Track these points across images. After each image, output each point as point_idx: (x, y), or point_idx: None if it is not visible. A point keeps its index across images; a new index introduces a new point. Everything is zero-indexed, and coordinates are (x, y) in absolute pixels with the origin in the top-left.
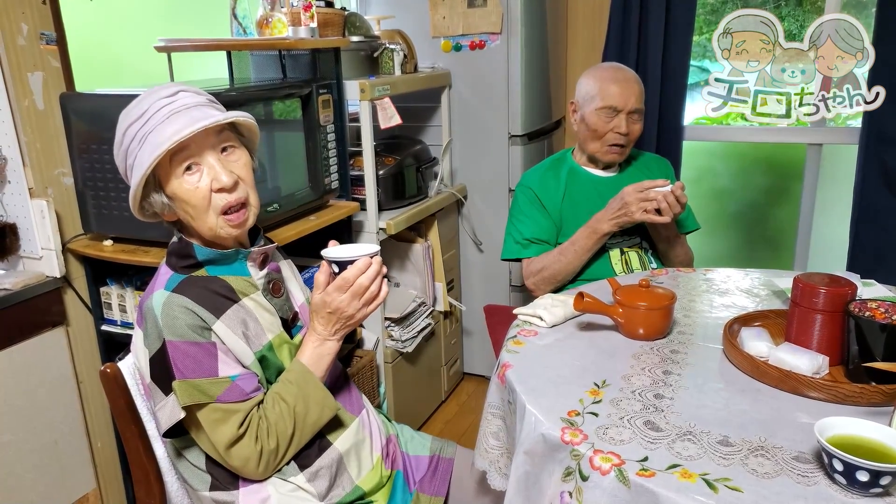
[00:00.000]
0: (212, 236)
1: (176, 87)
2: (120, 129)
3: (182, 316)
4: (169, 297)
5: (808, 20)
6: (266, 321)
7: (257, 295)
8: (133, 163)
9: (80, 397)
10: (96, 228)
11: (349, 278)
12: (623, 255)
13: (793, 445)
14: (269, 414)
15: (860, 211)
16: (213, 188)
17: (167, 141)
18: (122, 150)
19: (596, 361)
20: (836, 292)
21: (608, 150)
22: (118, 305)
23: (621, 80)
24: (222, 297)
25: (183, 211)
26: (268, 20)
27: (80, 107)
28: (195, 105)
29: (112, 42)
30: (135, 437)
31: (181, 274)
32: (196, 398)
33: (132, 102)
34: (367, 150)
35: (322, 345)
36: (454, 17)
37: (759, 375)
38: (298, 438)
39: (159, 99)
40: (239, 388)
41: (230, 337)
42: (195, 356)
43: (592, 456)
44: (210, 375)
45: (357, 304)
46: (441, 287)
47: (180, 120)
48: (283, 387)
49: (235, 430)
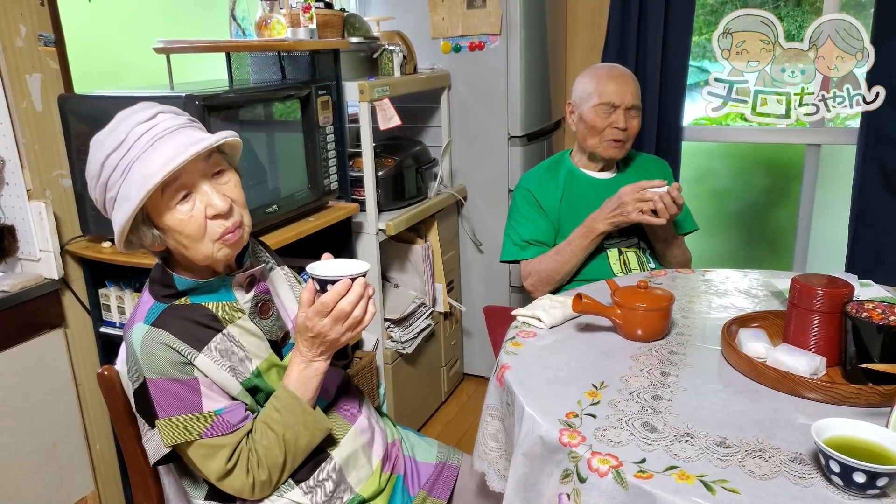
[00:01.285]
0: (207, 263)
1: (152, 109)
2: (96, 160)
3: (161, 353)
4: (148, 332)
5: (806, 20)
6: (252, 346)
7: (243, 320)
8: (116, 195)
9: (79, 399)
10: (95, 230)
11: (327, 303)
12: (621, 256)
13: (790, 447)
14: (257, 446)
15: (859, 211)
16: (208, 215)
17: (159, 172)
18: (101, 183)
19: (594, 363)
20: (834, 293)
21: (608, 144)
22: (117, 307)
23: (617, 77)
24: (204, 328)
25: (175, 241)
26: (267, 21)
27: (79, 108)
28: (178, 128)
29: (111, 43)
30: (132, 439)
31: (162, 303)
32: (181, 436)
33: (105, 129)
34: (366, 151)
35: (308, 367)
36: (453, 19)
37: (756, 376)
38: (291, 463)
39: (137, 124)
40: (225, 421)
41: (213, 369)
42: (177, 393)
43: (590, 458)
44: (194, 411)
45: (340, 329)
46: (441, 288)
47: (167, 146)
48: (270, 414)
49: (224, 465)
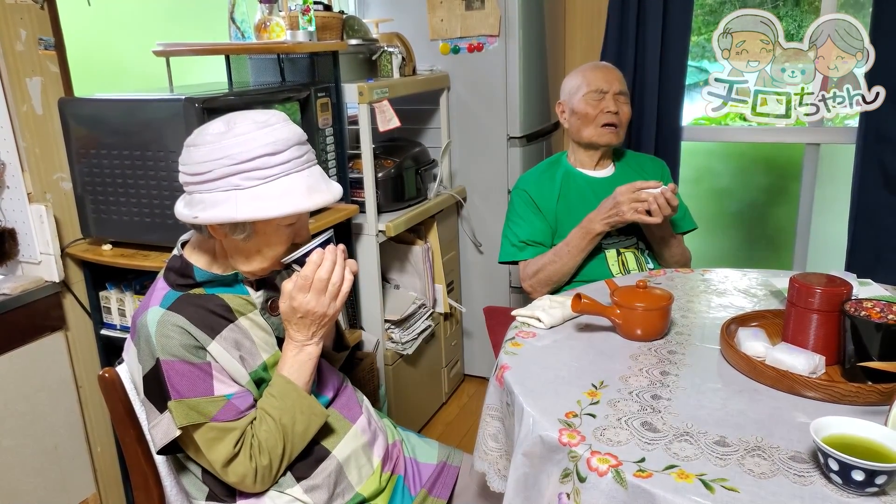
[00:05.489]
0: (256, 271)
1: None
2: (242, 143)
3: (176, 335)
4: (164, 315)
5: (805, 20)
6: (261, 340)
7: (254, 314)
8: (237, 186)
9: (80, 402)
10: (95, 233)
11: (308, 275)
12: (620, 256)
13: (789, 445)
14: (258, 432)
15: (858, 210)
16: (295, 240)
17: (304, 203)
18: (229, 163)
19: (594, 362)
20: (832, 292)
21: (602, 130)
22: (117, 310)
23: (601, 67)
24: (218, 317)
25: (254, 244)
26: (266, 24)
27: (79, 112)
28: (313, 163)
29: (111, 46)
30: (133, 441)
31: (178, 291)
32: (192, 418)
33: (257, 118)
34: (366, 152)
35: (301, 351)
36: (452, 20)
37: (756, 375)
38: (290, 450)
39: (293, 144)
40: (234, 406)
41: (225, 357)
42: (191, 375)
43: (590, 457)
44: (206, 395)
45: (325, 301)
46: (441, 289)
47: (308, 181)
48: (267, 401)
49: (231, 449)
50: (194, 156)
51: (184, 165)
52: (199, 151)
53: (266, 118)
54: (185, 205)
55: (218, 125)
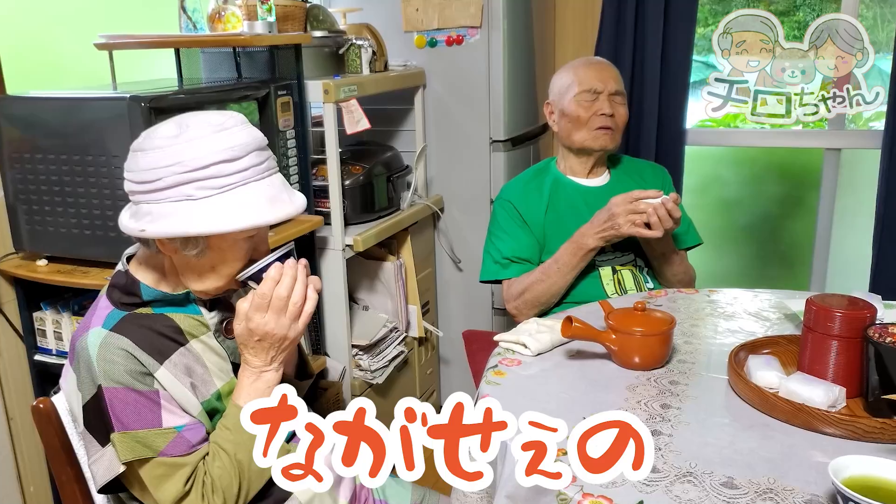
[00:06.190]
0: (210, 291)
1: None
2: (196, 147)
3: (121, 360)
4: (107, 336)
5: (825, 9)
6: (215, 366)
7: (208, 337)
8: (190, 196)
9: (11, 436)
10: (29, 247)
11: (265, 293)
12: (615, 275)
13: (805, 487)
14: (211, 468)
15: (884, 223)
16: (253, 255)
17: (265, 216)
18: (179, 169)
19: (586, 394)
20: (854, 316)
21: (596, 134)
22: (53, 332)
23: (595, 64)
24: (167, 339)
25: (208, 260)
26: (220, 14)
27: (11, 111)
28: (274, 171)
29: (48, 39)
30: (71, 480)
31: (122, 310)
32: (138, 452)
33: (212, 121)
34: (331, 157)
35: (258, 378)
36: (429, 10)
37: (768, 409)
38: (247, 490)
39: (252, 150)
40: (185, 439)
41: (174, 385)
42: (136, 405)
43: (581, 500)
44: (153, 426)
45: (285, 322)
46: (415, 310)
47: (269, 192)
48: (221, 434)
49: (181, 487)
50: (141, 162)
51: (130, 172)
52: (147, 157)
53: (222, 120)
54: (131, 216)
55: (168, 127)
